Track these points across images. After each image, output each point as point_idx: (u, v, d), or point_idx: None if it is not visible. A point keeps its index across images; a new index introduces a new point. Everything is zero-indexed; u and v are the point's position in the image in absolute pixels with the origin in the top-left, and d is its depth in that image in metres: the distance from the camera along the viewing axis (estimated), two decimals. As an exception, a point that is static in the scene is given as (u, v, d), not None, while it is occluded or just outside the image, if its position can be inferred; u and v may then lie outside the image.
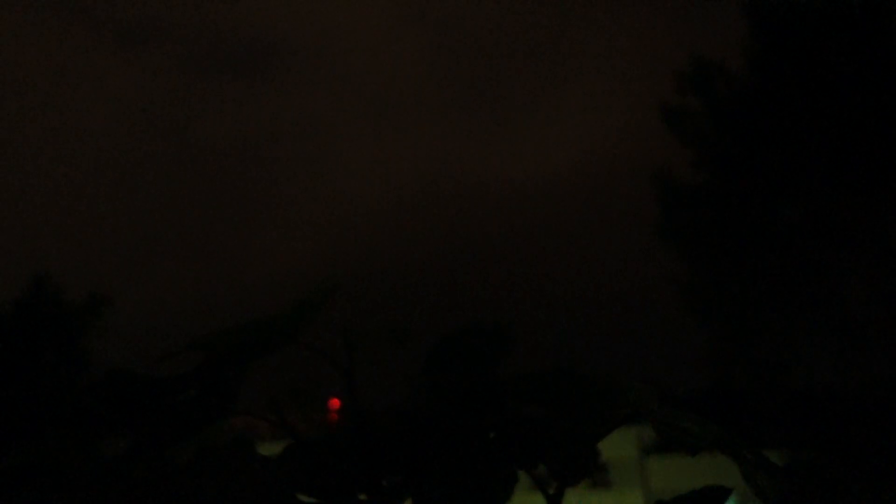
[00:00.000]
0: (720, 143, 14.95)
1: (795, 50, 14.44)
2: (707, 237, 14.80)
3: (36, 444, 0.50)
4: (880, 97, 13.57)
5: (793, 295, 13.91)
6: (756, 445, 0.74)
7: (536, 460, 0.81)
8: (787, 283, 13.97)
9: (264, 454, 0.60)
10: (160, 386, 0.59)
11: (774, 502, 0.69)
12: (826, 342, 13.60)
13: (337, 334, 0.79)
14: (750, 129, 14.58)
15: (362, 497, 0.69)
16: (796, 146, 14.27)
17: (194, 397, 0.62)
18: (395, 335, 0.79)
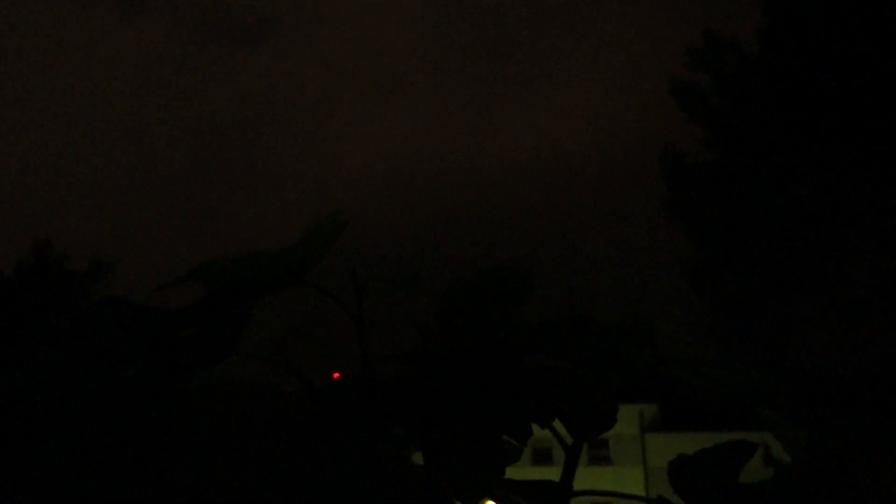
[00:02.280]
0: (729, 120, 14.82)
1: (807, 27, 14.25)
2: (713, 215, 14.72)
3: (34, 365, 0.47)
4: (890, 77, 13.41)
5: (797, 274, 13.87)
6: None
7: (552, 413, 0.78)
8: (791, 262, 13.92)
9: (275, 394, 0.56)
10: (156, 318, 0.55)
11: (804, 456, 0.66)
12: (829, 321, 13.58)
13: (345, 278, 0.76)
14: (759, 107, 14.44)
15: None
16: (806, 125, 14.13)
17: (194, 335, 0.59)
18: (406, 280, 0.75)
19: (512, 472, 0.77)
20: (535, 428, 0.78)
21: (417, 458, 0.73)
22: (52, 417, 0.43)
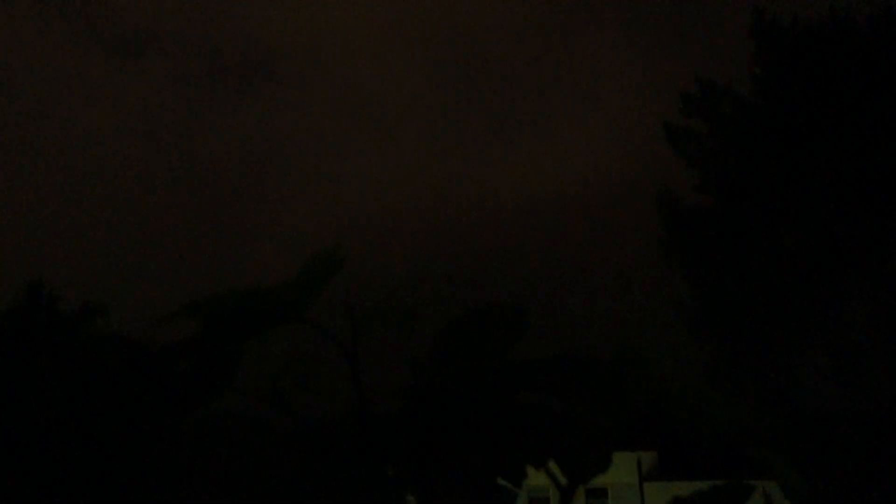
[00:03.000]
0: (724, 165, 14.93)
1: (800, 73, 14.46)
2: (711, 258, 14.75)
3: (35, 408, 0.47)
4: (884, 121, 13.57)
5: (796, 317, 13.84)
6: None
7: (547, 454, 0.77)
8: (790, 306, 13.90)
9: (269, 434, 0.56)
10: (150, 355, 0.55)
11: (804, 500, 0.65)
12: (828, 365, 13.51)
13: (340, 313, 0.75)
14: (754, 151, 14.57)
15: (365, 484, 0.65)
16: (800, 169, 14.25)
17: (189, 371, 0.58)
18: (401, 317, 0.75)
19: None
20: (531, 474, 0.77)
21: (412, 501, 0.72)
22: (51, 450, 0.43)
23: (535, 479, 0.81)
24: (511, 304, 0.74)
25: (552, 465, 0.76)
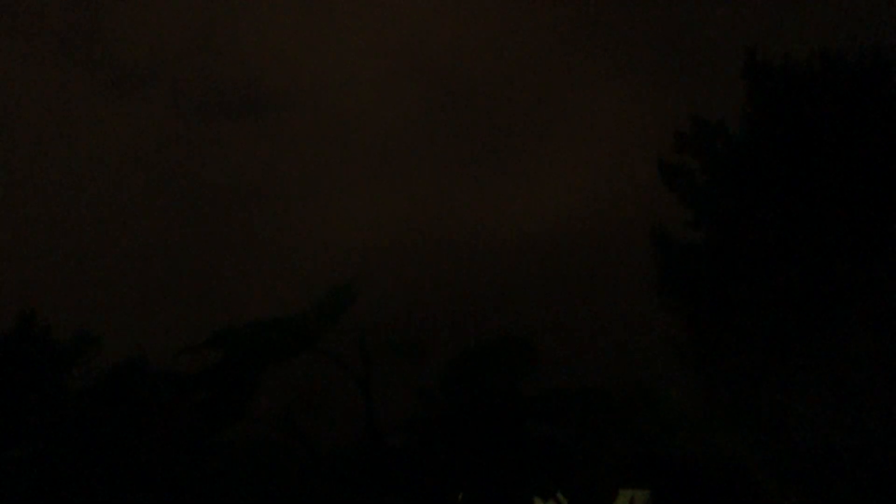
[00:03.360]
0: (717, 202, 15.06)
1: (792, 112, 14.66)
2: (704, 295, 14.79)
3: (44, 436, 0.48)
4: (875, 158, 13.73)
5: (790, 353, 13.85)
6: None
7: (555, 486, 0.78)
8: (784, 342, 13.92)
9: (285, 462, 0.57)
10: (176, 383, 0.56)
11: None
12: (824, 400, 13.49)
13: (353, 345, 0.77)
14: (746, 189, 14.70)
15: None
16: (793, 206, 14.37)
17: (206, 399, 0.60)
18: (411, 349, 0.76)
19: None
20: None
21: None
22: (74, 476, 0.44)
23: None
24: (520, 337, 0.75)
25: (560, 496, 0.77)
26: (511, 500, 0.77)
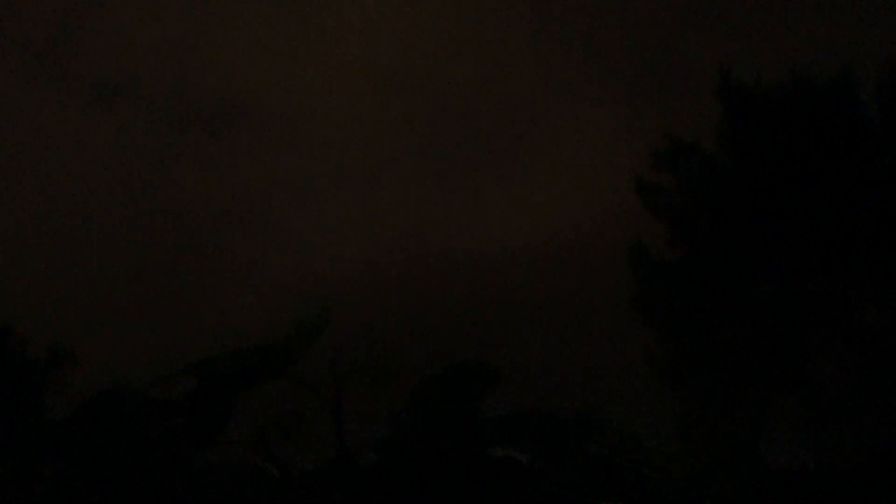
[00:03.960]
0: (693, 219, 15.23)
1: (765, 131, 14.91)
2: (680, 311, 14.92)
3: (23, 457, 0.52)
4: (847, 177, 13.98)
5: (766, 371, 13.99)
6: None
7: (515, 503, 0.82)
8: (759, 360, 14.06)
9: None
10: (150, 409, 0.60)
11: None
12: (798, 419, 13.62)
13: (324, 368, 0.81)
14: (722, 206, 14.89)
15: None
16: (768, 224, 14.58)
17: (183, 424, 0.63)
18: (382, 373, 0.81)
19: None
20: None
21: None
22: (54, 497, 0.47)
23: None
24: (481, 361, 0.80)
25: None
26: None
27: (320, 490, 0.70)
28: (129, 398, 0.58)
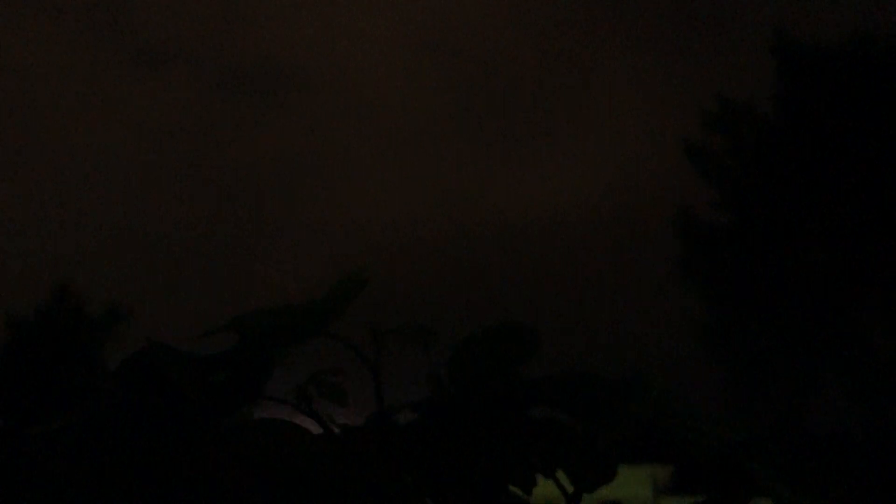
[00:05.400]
0: (743, 183, 14.91)
1: (822, 92, 14.43)
2: (728, 276, 14.70)
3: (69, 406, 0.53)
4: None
5: (813, 338, 13.75)
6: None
7: (555, 464, 0.82)
8: (807, 326, 13.82)
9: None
10: (196, 364, 0.61)
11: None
12: (844, 385, 13.41)
13: (364, 331, 0.81)
14: (774, 170, 14.53)
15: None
16: (821, 188, 14.19)
17: (225, 379, 0.64)
18: (421, 334, 0.80)
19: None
20: (541, 483, 0.83)
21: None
22: (101, 456, 0.48)
23: (544, 488, 0.86)
24: (522, 322, 0.79)
25: (560, 474, 0.81)
26: (514, 477, 0.82)
27: (360, 447, 0.70)
28: (170, 353, 0.58)
